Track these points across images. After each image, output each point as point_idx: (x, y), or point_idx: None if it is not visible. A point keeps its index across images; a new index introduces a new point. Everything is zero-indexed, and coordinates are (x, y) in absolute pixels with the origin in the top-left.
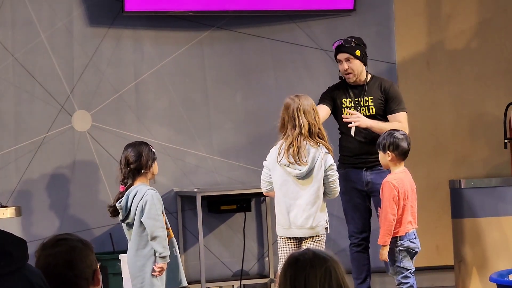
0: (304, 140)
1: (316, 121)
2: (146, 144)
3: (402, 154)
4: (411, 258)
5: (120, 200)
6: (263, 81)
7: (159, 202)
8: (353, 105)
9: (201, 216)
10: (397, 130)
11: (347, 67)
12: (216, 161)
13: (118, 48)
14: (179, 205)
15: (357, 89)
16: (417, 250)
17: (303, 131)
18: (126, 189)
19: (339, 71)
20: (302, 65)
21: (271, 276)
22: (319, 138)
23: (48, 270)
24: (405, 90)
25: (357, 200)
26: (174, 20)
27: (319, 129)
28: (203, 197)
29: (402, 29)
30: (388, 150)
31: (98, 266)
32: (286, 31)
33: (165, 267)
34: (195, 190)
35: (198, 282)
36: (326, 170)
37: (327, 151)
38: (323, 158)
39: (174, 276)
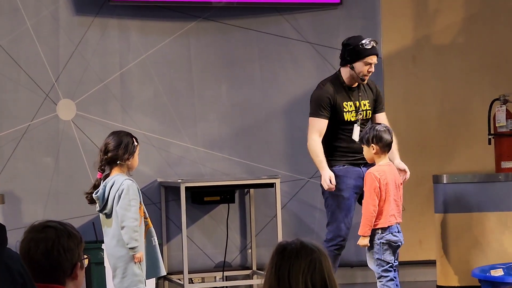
0: None
1: None
2: (130, 136)
3: (385, 146)
4: (393, 251)
5: (97, 191)
6: (248, 73)
7: (134, 193)
8: (354, 109)
9: (184, 207)
10: (379, 124)
11: (372, 70)
12: (200, 152)
13: (104, 37)
14: (163, 196)
15: (354, 91)
16: (399, 244)
17: None
18: (104, 179)
19: (357, 72)
20: (288, 58)
21: (254, 268)
22: None
23: (29, 255)
24: (391, 84)
25: (352, 200)
26: (161, 10)
27: None
28: (187, 188)
29: (388, 23)
30: (372, 143)
31: (83, 262)
32: (273, 23)
33: (139, 255)
34: (179, 180)
35: (181, 272)
36: None
37: None
38: None
39: (153, 266)
